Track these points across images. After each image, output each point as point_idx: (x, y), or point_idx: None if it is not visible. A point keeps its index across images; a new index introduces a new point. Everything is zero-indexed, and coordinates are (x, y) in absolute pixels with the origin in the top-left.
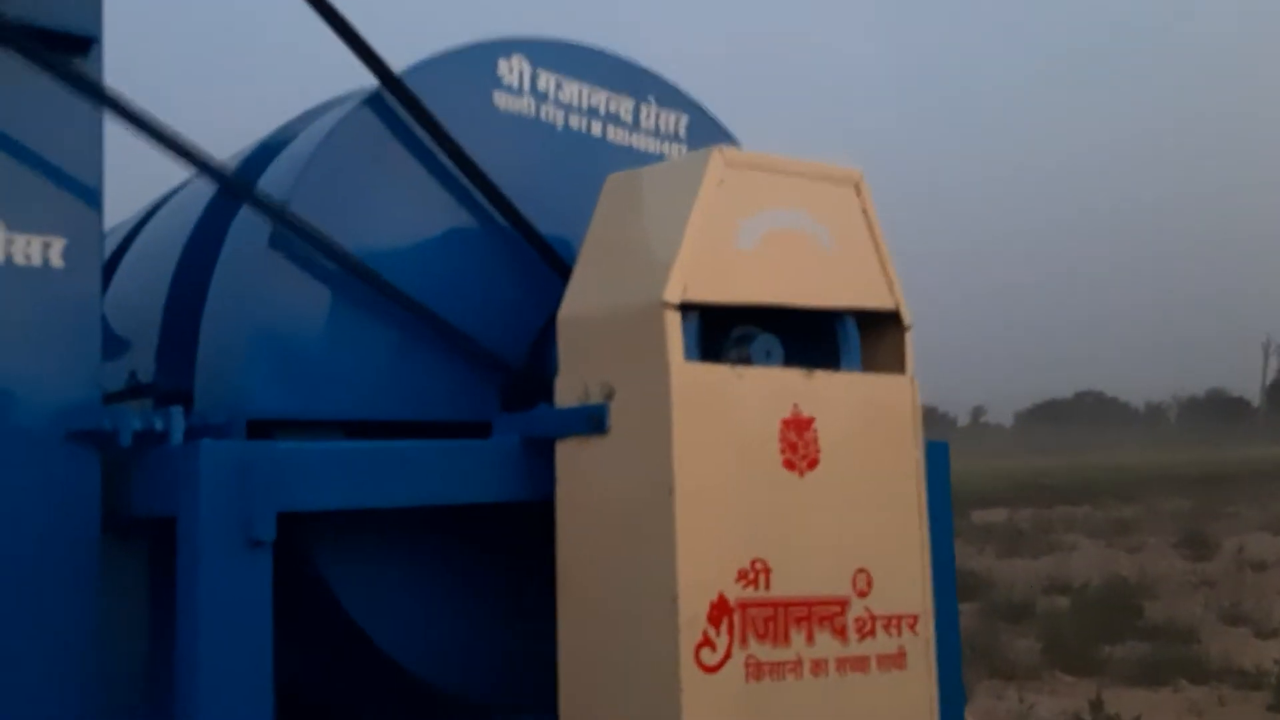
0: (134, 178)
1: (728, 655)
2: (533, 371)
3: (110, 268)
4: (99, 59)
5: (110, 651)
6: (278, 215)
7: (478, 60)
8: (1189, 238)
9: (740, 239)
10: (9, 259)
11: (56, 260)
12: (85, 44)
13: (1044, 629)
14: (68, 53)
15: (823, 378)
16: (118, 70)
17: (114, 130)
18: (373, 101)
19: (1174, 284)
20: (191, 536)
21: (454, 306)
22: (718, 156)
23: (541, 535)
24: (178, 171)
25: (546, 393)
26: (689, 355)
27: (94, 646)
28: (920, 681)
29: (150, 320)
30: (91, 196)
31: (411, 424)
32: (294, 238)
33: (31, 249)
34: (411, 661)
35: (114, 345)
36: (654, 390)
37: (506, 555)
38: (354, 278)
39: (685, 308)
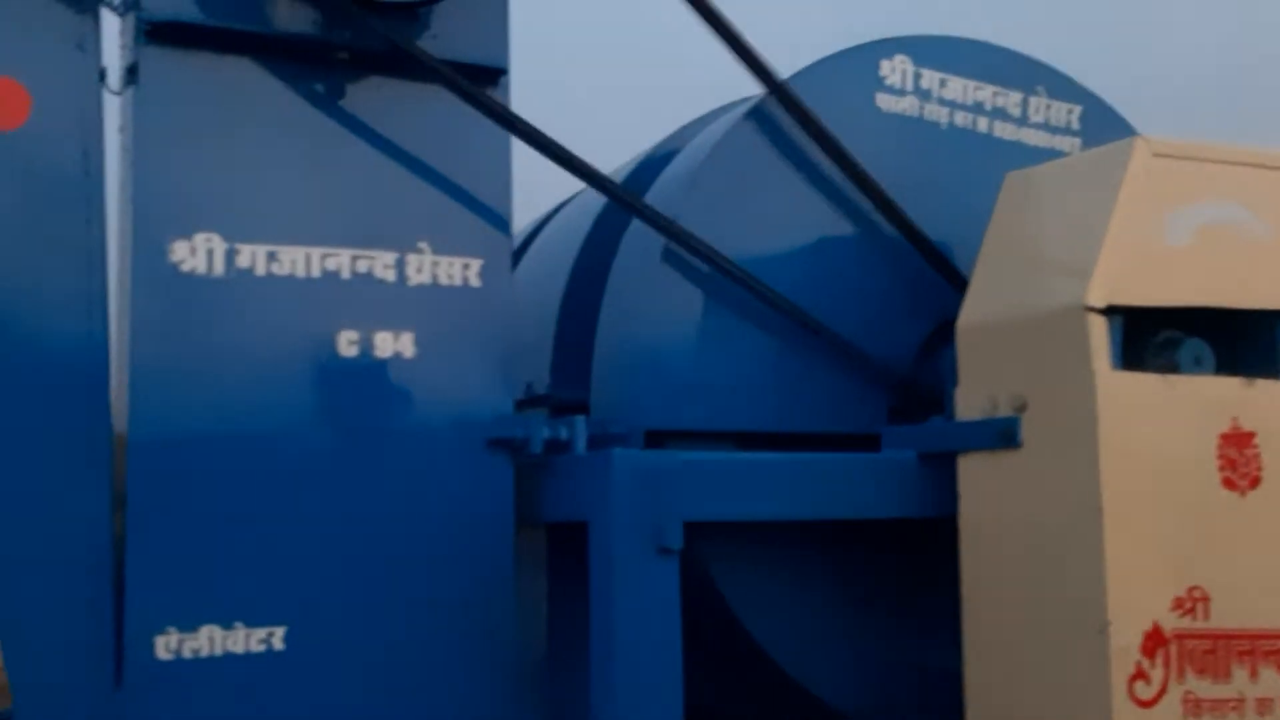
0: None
1: (1163, 690)
2: (919, 382)
3: None
4: (507, 88)
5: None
6: (670, 231)
7: (860, 62)
8: None
9: (1168, 235)
10: (435, 280)
11: (475, 280)
12: (496, 75)
13: None
14: (481, 84)
15: (1265, 387)
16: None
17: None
18: (755, 112)
19: None
20: (604, 542)
21: (839, 316)
22: (1142, 146)
23: (933, 552)
24: (552, 181)
25: (934, 404)
26: (1114, 363)
27: (511, 638)
28: None
29: (544, 333)
30: (502, 218)
31: (796, 436)
32: (684, 252)
33: (454, 270)
34: (802, 674)
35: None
36: (1076, 401)
37: (896, 571)
38: (743, 291)
39: (1109, 311)
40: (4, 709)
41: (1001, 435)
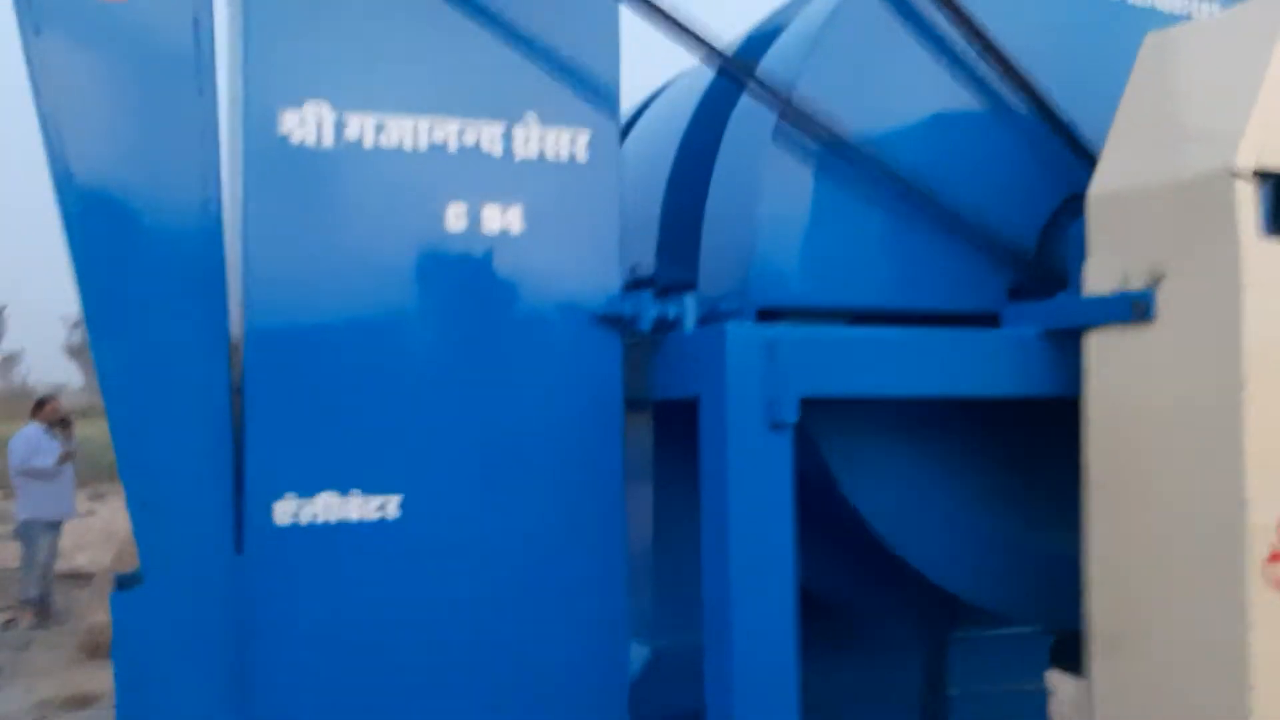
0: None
1: None
2: (1042, 260)
3: None
4: None
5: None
6: (785, 102)
7: None
8: None
9: None
10: (541, 154)
11: (581, 154)
12: None
13: None
14: None
15: None
16: None
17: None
18: None
19: None
20: (717, 418)
21: (959, 192)
22: None
23: (1049, 431)
24: (654, 66)
25: (1057, 283)
26: (1262, 230)
27: (620, 515)
28: None
29: (649, 215)
30: (611, 90)
31: (911, 314)
32: (798, 126)
33: (560, 143)
34: (910, 552)
35: None
36: (1219, 272)
37: (1011, 450)
38: (860, 165)
39: (1258, 176)
40: (131, 572)
41: (1134, 309)
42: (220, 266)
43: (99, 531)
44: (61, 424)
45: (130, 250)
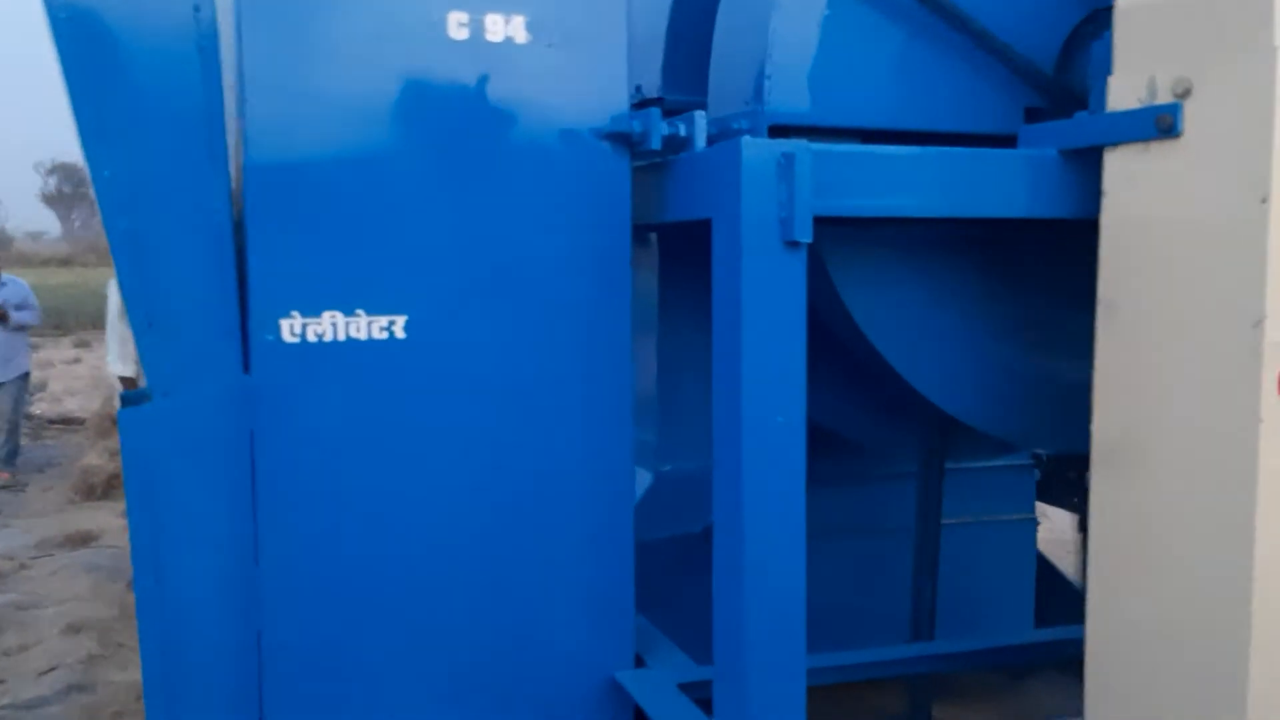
0: None
1: None
2: (1062, 80)
3: None
4: None
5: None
6: None
7: None
8: None
9: None
10: None
11: None
12: None
13: None
14: None
15: None
16: None
17: None
18: None
19: None
20: (730, 237)
21: (977, 7)
22: None
23: (1061, 257)
24: None
25: (1075, 103)
26: None
27: (626, 339)
28: None
29: (655, 32)
30: None
31: (924, 134)
32: None
33: None
34: (917, 379)
35: None
36: (1251, 82)
37: (1021, 277)
38: None
39: None
40: (139, 390)
41: (1159, 124)
42: (215, 76)
43: (86, 378)
44: None
45: (120, 60)
